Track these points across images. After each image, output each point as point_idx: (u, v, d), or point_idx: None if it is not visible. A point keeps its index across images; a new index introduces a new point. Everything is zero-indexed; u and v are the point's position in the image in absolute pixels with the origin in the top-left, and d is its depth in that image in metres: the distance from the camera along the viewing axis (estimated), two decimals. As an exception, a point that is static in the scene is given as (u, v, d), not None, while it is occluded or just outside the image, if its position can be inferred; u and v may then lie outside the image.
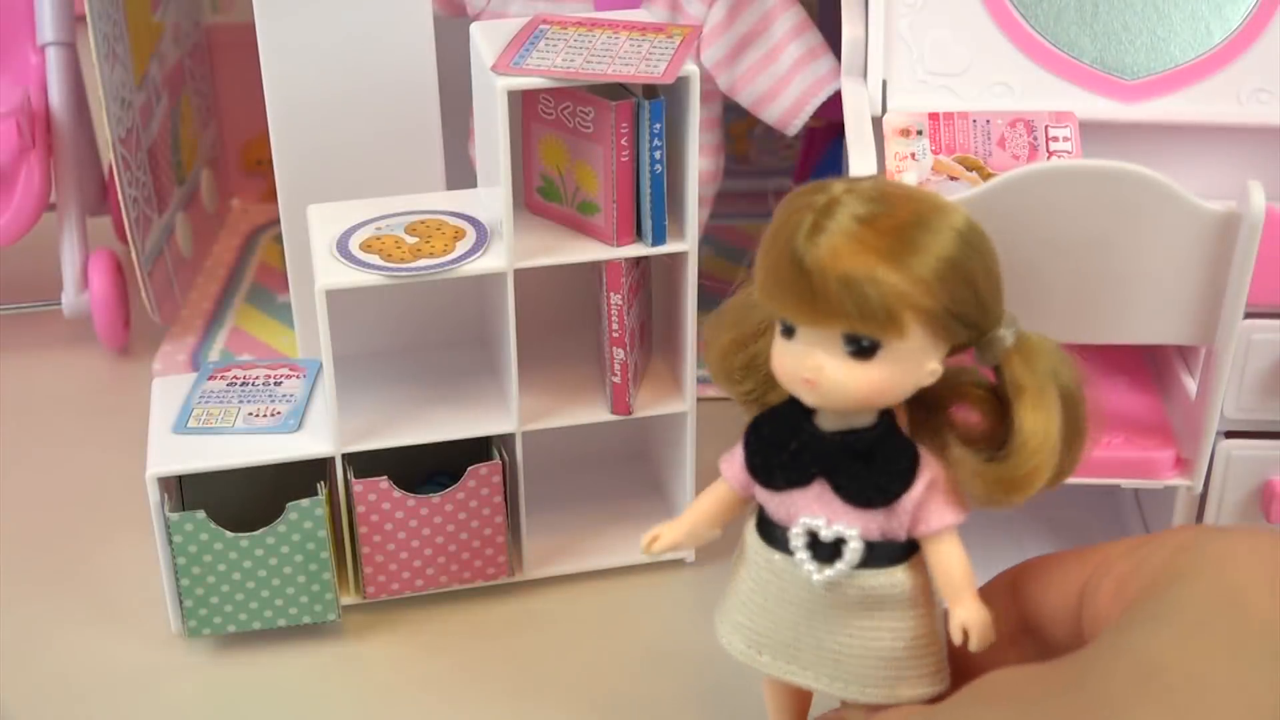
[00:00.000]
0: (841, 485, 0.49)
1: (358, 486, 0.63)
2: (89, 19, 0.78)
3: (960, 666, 0.52)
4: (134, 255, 0.82)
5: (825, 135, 0.81)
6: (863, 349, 0.46)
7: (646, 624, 0.67)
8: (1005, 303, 0.49)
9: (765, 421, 0.50)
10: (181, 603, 0.63)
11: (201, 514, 0.61)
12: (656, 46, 0.61)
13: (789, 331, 0.47)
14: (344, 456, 0.63)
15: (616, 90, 0.61)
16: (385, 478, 0.63)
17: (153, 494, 0.61)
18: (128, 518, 0.72)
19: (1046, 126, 0.63)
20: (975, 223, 0.47)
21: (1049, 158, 0.62)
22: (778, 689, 0.55)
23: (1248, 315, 0.58)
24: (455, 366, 0.69)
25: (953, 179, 0.62)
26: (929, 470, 0.48)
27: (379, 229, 0.63)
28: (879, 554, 0.49)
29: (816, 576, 0.49)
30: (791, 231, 0.46)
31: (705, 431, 0.66)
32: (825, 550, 0.49)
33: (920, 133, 0.63)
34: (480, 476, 0.64)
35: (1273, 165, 0.65)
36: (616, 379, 0.65)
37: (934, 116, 0.64)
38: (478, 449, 0.66)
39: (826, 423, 0.49)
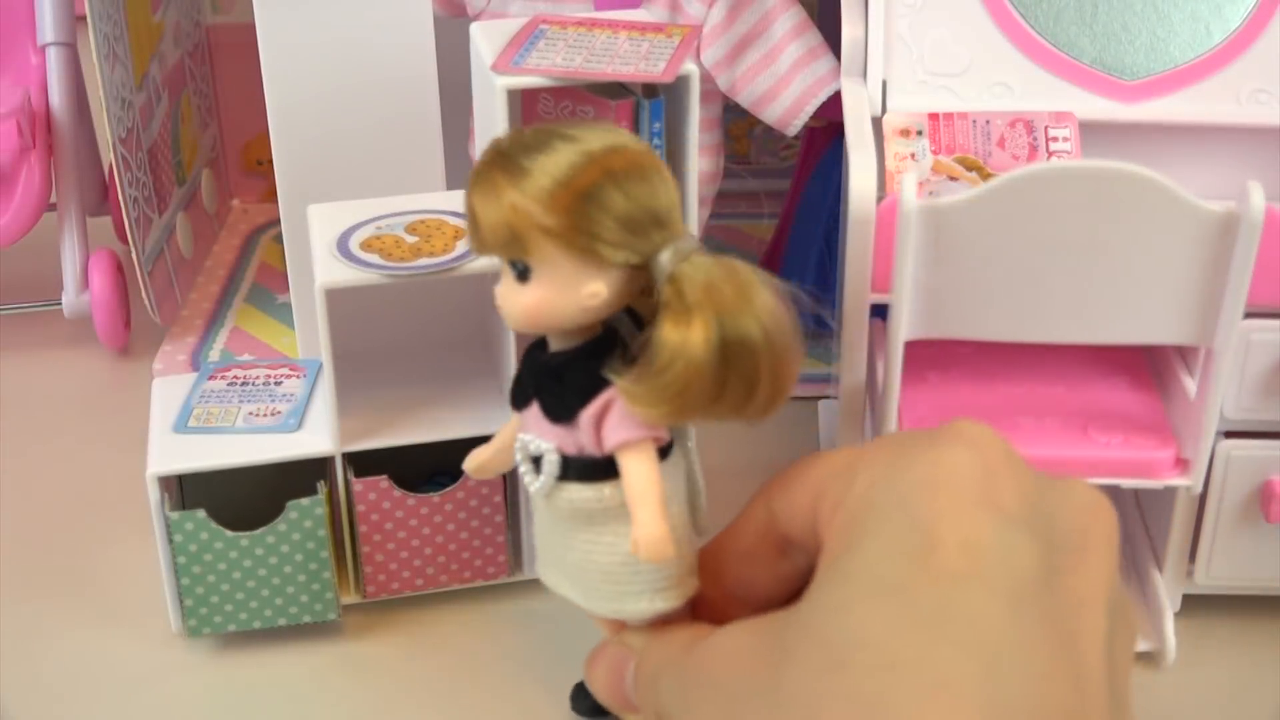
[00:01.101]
0: (542, 403, 0.52)
1: (358, 486, 0.63)
2: (89, 19, 0.78)
3: (730, 579, 0.53)
4: (134, 255, 0.82)
5: (825, 135, 0.81)
6: (521, 273, 0.50)
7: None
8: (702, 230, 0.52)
9: (526, 351, 0.54)
10: (182, 602, 0.63)
11: (202, 513, 0.61)
12: (656, 46, 0.61)
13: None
14: (344, 456, 0.63)
15: (616, 90, 0.61)
16: (385, 477, 0.63)
17: (153, 493, 0.61)
18: (127, 518, 0.72)
19: (1046, 127, 0.63)
20: (618, 146, 0.49)
21: (1049, 158, 0.62)
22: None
23: (1248, 315, 0.58)
24: (455, 366, 0.69)
25: (953, 179, 0.62)
26: (611, 390, 0.50)
27: (379, 228, 0.63)
28: (581, 469, 0.52)
29: (532, 488, 0.53)
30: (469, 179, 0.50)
31: (704, 426, 0.66)
32: (537, 465, 0.53)
33: (920, 133, 0.63)
34: None
35: (1273, 165, 0.65)
36: (616, 378, 0.65)
37: (934, 116, 0.64)
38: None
39: (553, 347, 0.52)
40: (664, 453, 0.52)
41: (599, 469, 0.51)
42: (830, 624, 0.43)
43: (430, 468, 0.67)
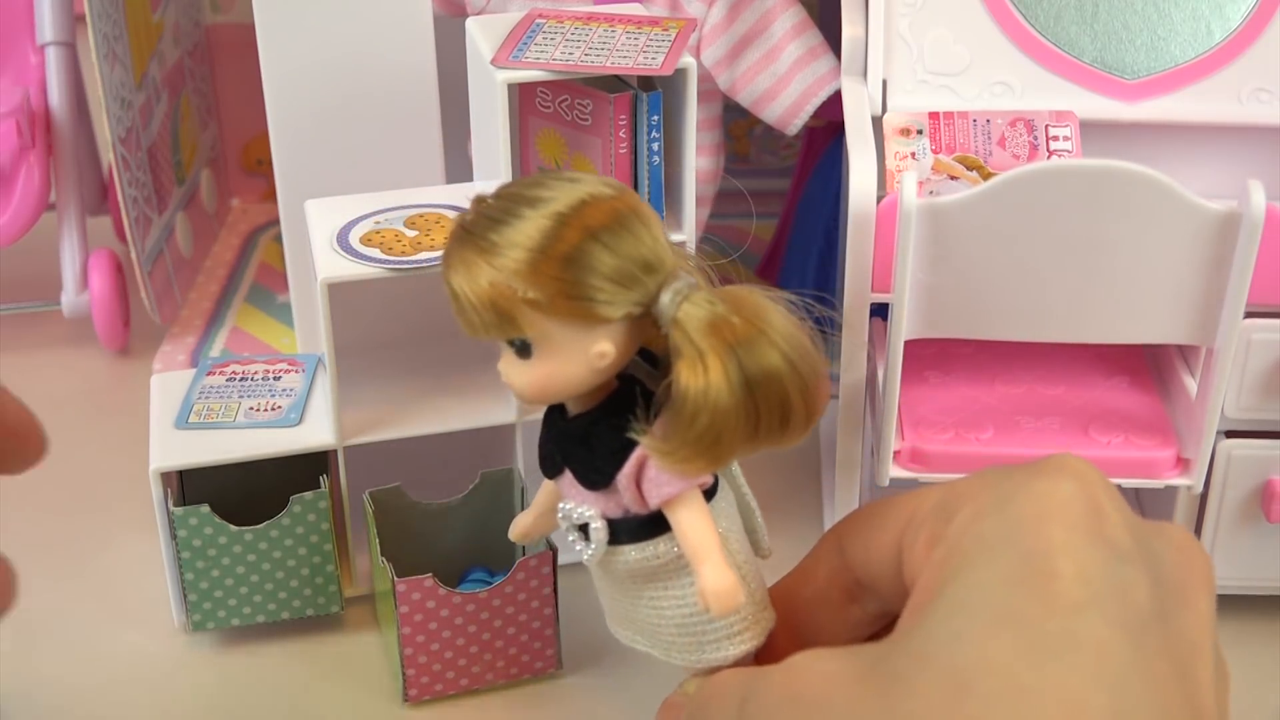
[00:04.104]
0: (574, 470, 0.50)
1: (401, 585, 0.59)
2: (89, 19, 0.78)
3: (798, 626, 0.51)
4: (134, 255, 0.82)
5: (825, 135, 0.81)
6: (520, 348, 0.47)
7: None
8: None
9: (545, 418, 0.52)
10: (185, 597, 0.63)
11: (206, 508, 0.61)
12: (653, 39, 0.61)
13: None
14: (370, 495, 0.62)
15: (613, 83, 0.61)
16: (430, 575, 0.60)
17: (156, 489, 0.61)
18: (129, 516, 0.72)
19: (1047, 126, 0.63)
20: (588, 199, 0.46)
21: (1049, 157, 0.62)
22: None
23: (1248, 315, 0.58)
24: (455, 359, 0.68)
25: (953, 178, 0.62)
26: (643, 448, 0.48)
27: (378, 223, 0.63)
28: (631, 529, 0.49)
29: (584, 556, 0.50)
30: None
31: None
32: (584, 531, 0.50)
33: (920, 132, 0.63)
34: (529, 568, 0.61)
35: (1273, 165, 0.65)
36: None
37: (934, 116, 0.64)
38: (485, 450, 0.65)
39: (572, 410, 0.50)
40: (710, 491, 0.50)
41: (649, 527, 0.49)
42: (950, 651, 0.41)
43: (465, 564, 0.66)
